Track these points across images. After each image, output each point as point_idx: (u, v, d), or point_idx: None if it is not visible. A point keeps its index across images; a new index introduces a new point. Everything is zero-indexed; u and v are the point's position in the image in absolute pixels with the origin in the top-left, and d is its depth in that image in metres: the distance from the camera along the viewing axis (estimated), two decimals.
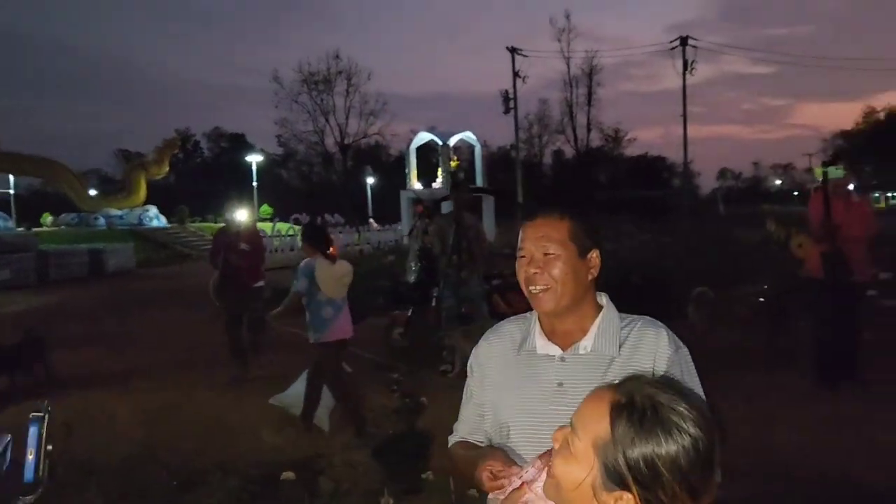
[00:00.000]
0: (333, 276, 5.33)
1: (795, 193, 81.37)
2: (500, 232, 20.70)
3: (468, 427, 1.77)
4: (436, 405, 5.61)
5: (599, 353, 1.58)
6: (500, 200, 24.87)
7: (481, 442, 1.74)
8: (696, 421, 1.06)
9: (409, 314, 7.85)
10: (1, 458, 1.32)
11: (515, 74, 35.33)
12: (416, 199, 28.89)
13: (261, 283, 7.30)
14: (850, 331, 5.38)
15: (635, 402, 1.08)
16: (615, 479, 1.06)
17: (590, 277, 1.63)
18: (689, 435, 1.05)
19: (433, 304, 7.65)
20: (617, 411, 1.09)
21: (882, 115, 66.28)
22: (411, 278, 7.96)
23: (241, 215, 7.54)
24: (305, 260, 5.49)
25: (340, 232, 27.37)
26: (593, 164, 60.06)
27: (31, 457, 1.36)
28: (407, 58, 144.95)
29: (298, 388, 5.99)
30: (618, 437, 1.07)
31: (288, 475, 4.36)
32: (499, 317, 7.21)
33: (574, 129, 58.50)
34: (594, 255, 1.63)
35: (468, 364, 1.81)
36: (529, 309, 1.84)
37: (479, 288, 6.96)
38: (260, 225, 19.77)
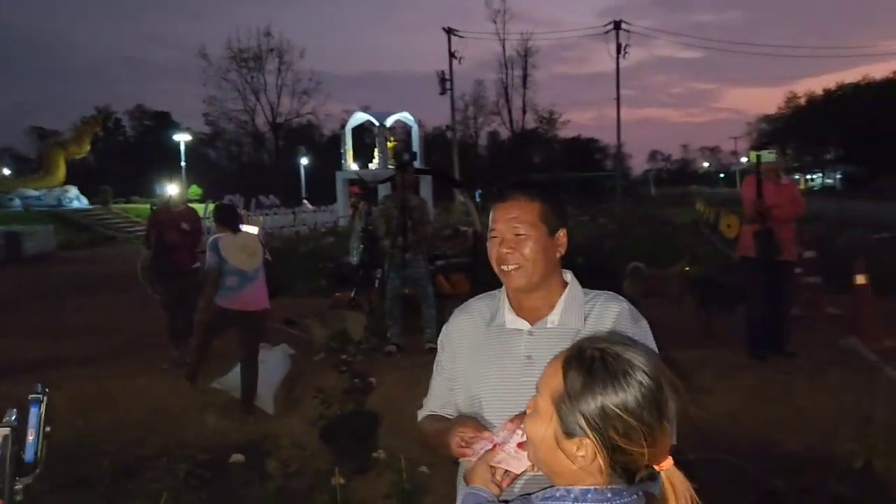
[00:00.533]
0: (236, 246, 5.57)
1: (721, 175, 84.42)
2: (438, 213, 20.74)
3: (438, 401, 1.82)
4: (383, 385, 5.62)
5: (566, 327, 1.65)
6: (437, 181, 24.89)
7: (451, 415, 1.77)
8: (643, 368, 1.13)
9: (352, 295, 7.82)
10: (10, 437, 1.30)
11: (451, 55, 35.29)
12: (353, 181, 28.60)
13: (197, 265, 7.12)
14: (779, 306, 5.65)
15: (584, 354, 1.16)
16: (572, 427, 1.12)
17: (558, 255, 1.69)
18: (636, 381, 1.11)
19: (376, 285, 7.64)
20: (567, 363, 1.16)
21: (803, 101, 68.96)
22: (354, 260, 7.91)
23: (177, 195, 7.35)
24: (212, 237, 5.71)
25: (276, 213, 26.78)
26: (528, 145, 60.75)
27: (31, 437, 1.34)
28: (339, 36, 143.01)
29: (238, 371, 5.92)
30: (569, 387, 1.13)
31: (238, 458, 4.32)
32: (442, 298, 7.30)
33: (510, 111, 59.10)
34: (562, 234, 1.70)
35: (439, 339, 1.84)
36: (471, 289, 1.89)
37: (424, 269, 6.97)
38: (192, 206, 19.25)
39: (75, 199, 28.29)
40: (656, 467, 1.13)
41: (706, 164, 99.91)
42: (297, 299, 10.50)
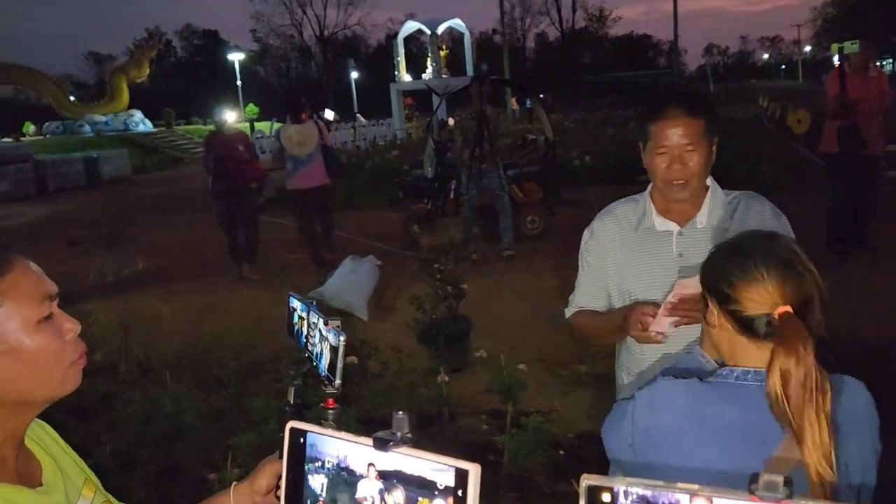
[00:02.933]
0: (287, 136, 6.74)
1: (783, 67, 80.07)
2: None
3: (588, 297, 2.00)
4: (470, 291, 5.91)
5: (713, 226, 1.82)
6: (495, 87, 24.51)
7: (602, 309, 1.97)
8: (764, 264, 1.21)
9: (428, 207, 8.03)
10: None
11: None
12: (407, 93, 28.35)
13: (253, 185, 7.28)
14: (862, 202, 5.65)
15: (735, 239, 1.33)
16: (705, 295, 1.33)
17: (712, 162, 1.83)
18: (759, 274, 1.20)
19: (451, 196, 7.83)
20: (719, 245, 1.36)
21: None
22: (428, 173, 8.08)
23: (229, 116, 7.67)
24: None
25: (336, 129, 26.74)
26: (577, 45, 58.76)
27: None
28: None
29: (334, 281, 6.30)
30: (708, 256, 1.34)
31: (351, 360, 4.68)
32: (516, 206, 7.46)
33: (559, 10, 56.95)
34: (715, 143, 1.82)
35: (583, 240, 2.02)
36: (542, 196, 1.93)
37: (500, 179, 7.12)
38: (258, 126, 19.54)
39: (140, 122, 28.96)
40: (773, 314, 1.19)
41: (766, 56, 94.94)
42: (367, 212, 10.84)
